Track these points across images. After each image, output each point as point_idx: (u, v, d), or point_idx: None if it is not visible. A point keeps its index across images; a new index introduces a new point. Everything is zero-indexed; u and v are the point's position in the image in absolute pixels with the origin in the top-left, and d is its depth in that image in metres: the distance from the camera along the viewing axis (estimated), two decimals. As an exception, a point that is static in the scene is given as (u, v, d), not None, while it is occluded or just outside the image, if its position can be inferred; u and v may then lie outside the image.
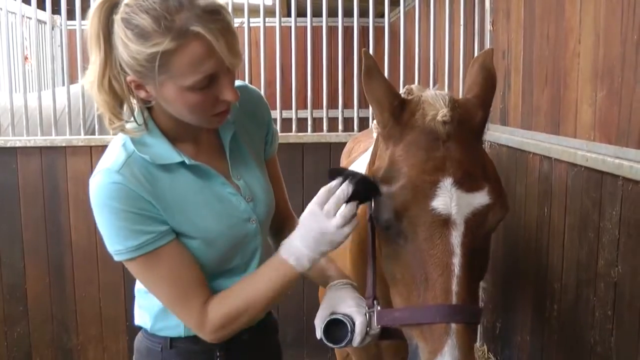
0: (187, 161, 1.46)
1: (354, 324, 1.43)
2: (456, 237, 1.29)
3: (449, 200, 1.29)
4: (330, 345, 1.46)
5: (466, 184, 1.31)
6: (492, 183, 1.35)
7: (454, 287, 1.26)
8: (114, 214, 1.38)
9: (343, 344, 1.44)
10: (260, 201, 1.61)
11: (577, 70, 2.63)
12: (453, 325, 1.23)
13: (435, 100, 1.39)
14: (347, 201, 1.35)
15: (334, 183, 1.37)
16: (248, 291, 1.46)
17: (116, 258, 1.43)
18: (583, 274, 2.58)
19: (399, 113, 1.42)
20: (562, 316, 2.81)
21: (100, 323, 3.86)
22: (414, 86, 1.65)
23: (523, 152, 3.21)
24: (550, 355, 2.96)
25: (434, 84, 3.92)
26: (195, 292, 1.46)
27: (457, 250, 1.28)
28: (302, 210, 1.41)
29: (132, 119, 1.45)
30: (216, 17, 1.30)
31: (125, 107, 1.42)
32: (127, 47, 1.29)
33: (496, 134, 3.61)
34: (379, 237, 1.47)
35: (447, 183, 1.30)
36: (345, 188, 1.35)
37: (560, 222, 2.78)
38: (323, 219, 1.35)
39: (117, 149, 1.45)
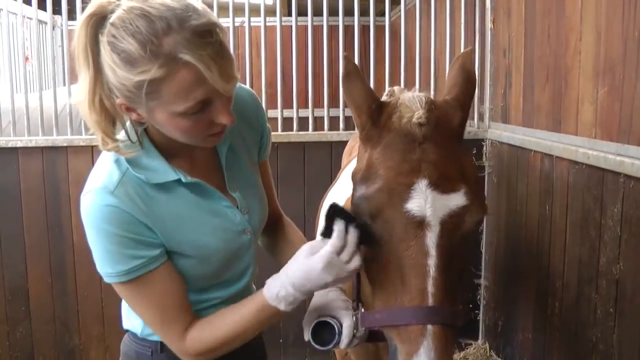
0: (183, 179, 1.42)
1: (341, 326, 1.44)
2: (431, 239, 1.29)
3: (423, 202, 1.29)
4: (318, 347, 1.46)
5: (442, 185, 1.31)
6: (469, 184, 1.35)
7: (430, 288, 1.26)
8: (106, 238, 1.35)
9: (330, 346, 1.45)
10: (256, 212, 1.59)
11: (578, 68, 2.62)
12: (429, 327, 1.23)
13: (412, 102, 1.40)
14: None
15: (341, 228, 1.32)
16: (229, 325, 1.43)
17: (105, 280, 1.41)
18: (584, 272, 2.58)
19: (377, 116, 1.42)
20: (563, 314, 2.81)
21: (102, 323, 3.86)
22: (397, 88, 1.65)
23: (524, 150, 3.21)
24: (552, 353, 2.96)
25: (435, 83, 3.92)
26: (178, 318, 1.44)
27: (433, 252, 1.28)
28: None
29: (125, 137, 1.40)
30: (208, 40, 1.23)
31: (118, 125, 1.38)
32: (114, 72, 1.23)
33: (497, 132, 3.61)
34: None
35: (422, 185, 1.30)
36: (354, 234, 1.32)
37: (562, 220, 2.78)
38: (342, 265, 1.32)
39: (109, 165, 1.40)
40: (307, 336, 1.48)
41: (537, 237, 3.08)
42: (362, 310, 1.45)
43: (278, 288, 1.37)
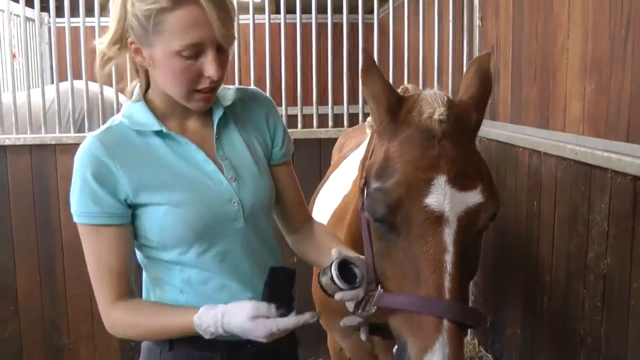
0: (164, 130, 1.52)
1: (362, 276, 1.41)
2: (449, 235, 1.30)
3: (442, 197, 1.30)
4: (340, 285, 1.39)
5: (460, 182, 1.32)
6: (485, 182, 1.36)
7: (447, 284, 1.27)
8: (76, 175, 1.49)
9: (355, 285, 1.40)
10: (246, 185, 1.58)
11: (565, 65, 2.65)
12: (445, 323, 1.23)
13: (433, 99, 1.41)
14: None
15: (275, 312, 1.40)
16: (150, 325, 1.51)
17: (74, 217, 1.52)
18: (573, 267, 2.61)
19: (396, 110, 1.44)
20: (552, 308, 2.83)
21: (92, 321, 3.84)
22: (410, 85, 1.67)
23: (513, 146, 3.23)
24: (541, 348, 2.98)
25: (423, 80, 3.94)
26: (113, 284, 1.50)
27: (450, 247, 1.29)
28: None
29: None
30: None
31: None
32: (133, 5, 1.40)
33: (486, 129, 3.63)
34: (371, 232, 1.47)
35: (441, 181, 1.31)
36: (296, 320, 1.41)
37: (550, 216, 2.81)
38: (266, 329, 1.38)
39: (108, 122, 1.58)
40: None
41: (526, 233, 3.10)
42: (381, 290, 1.39)
43: (209, 324, 1.41)
